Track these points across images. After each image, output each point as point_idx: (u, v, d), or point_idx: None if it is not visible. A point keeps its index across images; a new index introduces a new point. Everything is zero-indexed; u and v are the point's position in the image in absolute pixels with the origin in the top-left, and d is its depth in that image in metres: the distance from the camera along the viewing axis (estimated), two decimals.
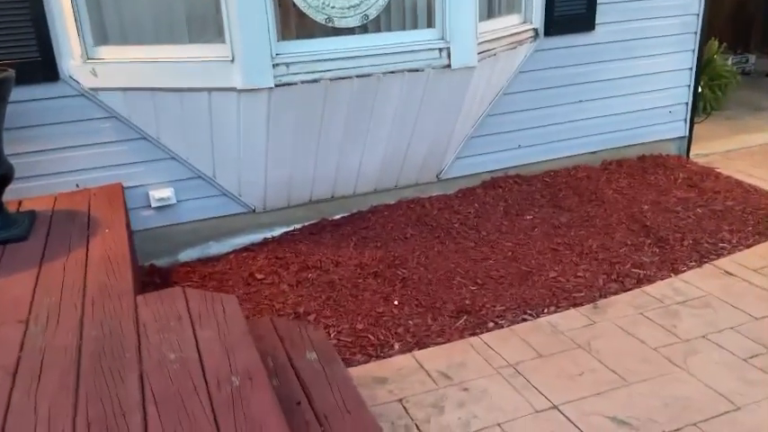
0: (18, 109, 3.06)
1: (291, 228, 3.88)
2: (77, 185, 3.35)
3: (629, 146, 4.75)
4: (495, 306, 3.06)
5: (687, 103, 4.79)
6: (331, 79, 3.26)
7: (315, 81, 3.23)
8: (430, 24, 3.49)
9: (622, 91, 4.55)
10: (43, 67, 3.11)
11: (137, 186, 3.47)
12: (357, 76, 3.31)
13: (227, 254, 3.67)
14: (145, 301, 2.21)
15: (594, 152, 4.68)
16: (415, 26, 3.50)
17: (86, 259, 2.54)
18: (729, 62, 7.05)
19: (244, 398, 1.67)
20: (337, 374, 2.11)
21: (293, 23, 3.33)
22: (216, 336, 1.97)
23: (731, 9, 7.72)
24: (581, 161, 4.63)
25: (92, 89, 3.21)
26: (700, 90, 5.52)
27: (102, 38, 3.20)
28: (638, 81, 4.57)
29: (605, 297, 3.14)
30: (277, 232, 3.85)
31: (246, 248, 3.71)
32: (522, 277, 3.31)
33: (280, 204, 3.80)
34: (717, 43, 6.09)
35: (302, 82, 3.20)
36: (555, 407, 2.35)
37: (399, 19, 3.49)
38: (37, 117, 3.18)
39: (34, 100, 3.14)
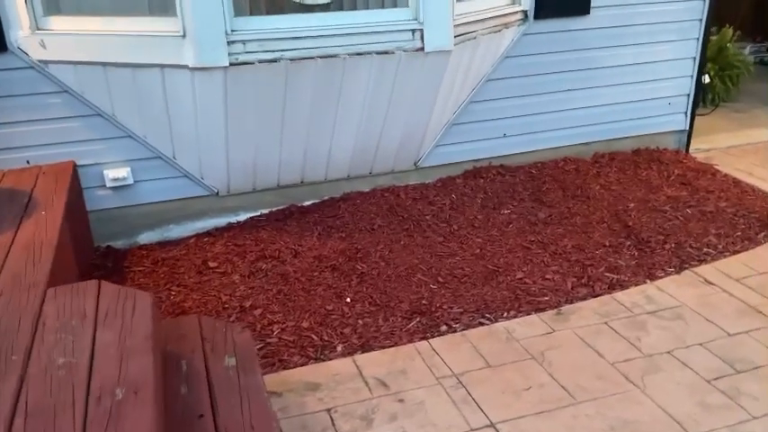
0: None
1: (258, 213, 3.73)
2: (28, 162, 3.22)
3: (624, 138, 4.51)
4: (452, 308, 2.89)
5: (689, 95, 4.52)
6: (291, 59, 3.07)
7: (274, 61, 3.05)
8: (403, 4, 3.27)
9: (618, 80, 4.29)
10: None
11: (92, 165, 3.33)
12: (320, 57, 3.12)
13: (188, 238, 3.54)
14: (54, 294, 2.07)
15: (587, 144, 4.44)
16: (385, 5, 3.28)
17: (11, 244, 2.41)
18: (747, 51, 6.71)
19: (121, 415, 1.53)
20: (251, 386, 1.97)
21: None
22: (116, 339, 1.83)
23: None
24: (572, 153, 4.40)
25: (41, 61, 3.06)
26: (708, 80, 5.24)
27: (52, 8, 3.04)
28: (637, 70, 4.30)
29: (571, 302, 2.95)
30: (242, 217, 3.70)
31: (208, 233, 3.58)
32: (486, 277, 3.13)
33: (245, 188, 3.64)
34: (731, 31, 5.74)
35: (260, 61, 3.02)
36: (492, 425, 2.19)
37: None
38: None
39: None
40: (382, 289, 3.02)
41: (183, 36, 2.91)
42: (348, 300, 2.93)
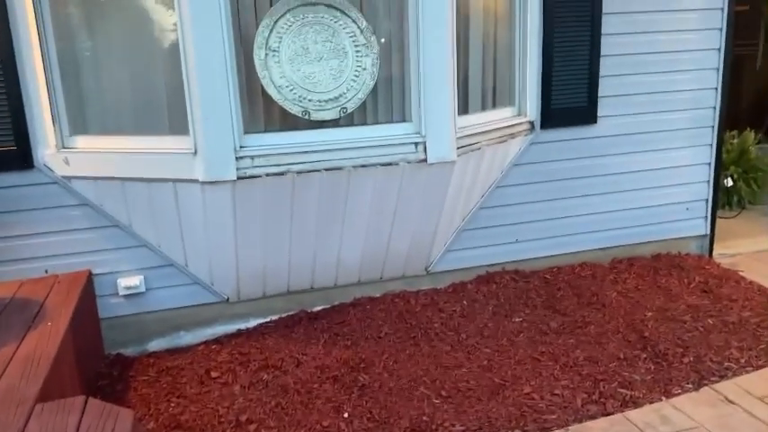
0: None
1: (267, 319, 3.75)
2: (46, 271, 3.36)
3: (643, 243, 4.43)
4: (453, 425, 2.78)
5: (707, 200, 4.45)
6: (298, 172, 3.19)
7: (281, 174, 3.17)
8: (406, 118, 3.40)
9: (633, 185, 4.28)
10: (19, 156, 3.18)
11: (107, 273, 3.45)
12: (326, 170, 3.23)
13: (196, 345, 3.56)
14: (41, 410, 2.09)
15: (604, 249, 4.38)
16: (390, 120, 3.42)
17: (12, 356, 2.47)
18: None
19: None
20: None
21: (267, 114, 3.31)
22: None
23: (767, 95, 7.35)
24: (589, 258, 4.34)
25: (65, 177, 3.26)
26: (731, 183, 5.19)
27: (78, 128, 3.27)
28: (650, 175, 4.29)
29: (580, 422, 2.80)
30: (252, 323, 3.73)
31: (217, 340, 3.59)
32: (492, 391, 3.02)
33: (255, 294, 3.69)
34: (752, 134, 5.73)
35: (267, 175, 3.15)
36: None
37: (374, 113, 3.42)
38: (10, 204, 3.23)
39: (7, 187, 3.21)
40: (383, 403, 2.94)
41: (195, 153, 3.07)
42: (346, 415, 2.86)
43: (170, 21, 3.10)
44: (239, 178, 3.10)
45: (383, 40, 3.35)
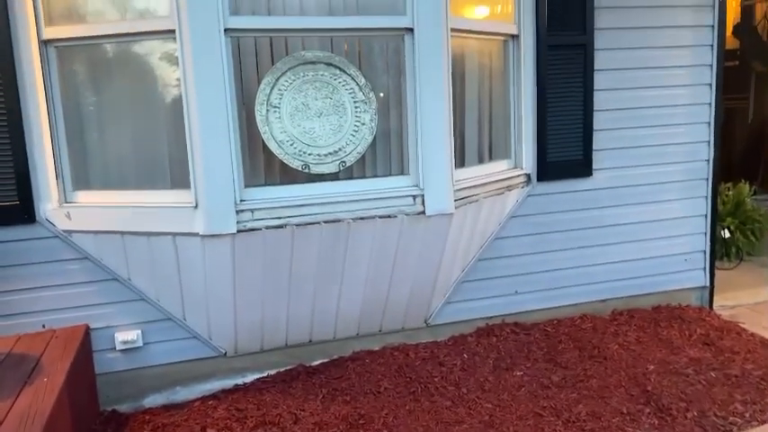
0: None
1: (265, 374, 3.70)
2: (44, 326, 3.34)
3: (643, 295, 4.42)
4: None
5: (704, 251, 4.47)
6: (297, 225, 3.21)
7: (280, 227, 3.19)
8: (404, 171, 3.45)
9: (630, 237, 4.31)
10: (21, 211, 3.22)
11: (104, 328, 3.43)
12: (325, 222, 3.26)
13: (193, 401, 3.50)
14: None
15: (604, 300, 4.37)
16: (388, 173, 3.47)
17: (7, 413, 2.44)
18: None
19: None
20: None
21: (267, 167, 3.36)
22: None
23: (760, 147, 7.46)
24: (589, 309, 4.33)
25: (65, 231, 3.28)
26: (729, 235, 5.22)
27: (80, 183, 3.31)
28: (647, 227, 4.33)
29: None
30: (249, 378, 3.68)
31: (214, 395, 3.54)
32: None
33: (253, 348, 3.66)
34: (747, 186, 5.80)
35: (267, 228, 3.17)
36: None
37: (373, 166, 3.48)
38: (9, 258, 3.24)
39: (8, 241, 3.22)
40: None
41: (196, 207, 3.10)
42: None
43: (173, 78, 3.19)
44: (239, 231, 3.13)
45: (381, 95, 3.43)
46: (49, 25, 3.14)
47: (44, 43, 3.15)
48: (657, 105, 4.18)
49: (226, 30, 2.99)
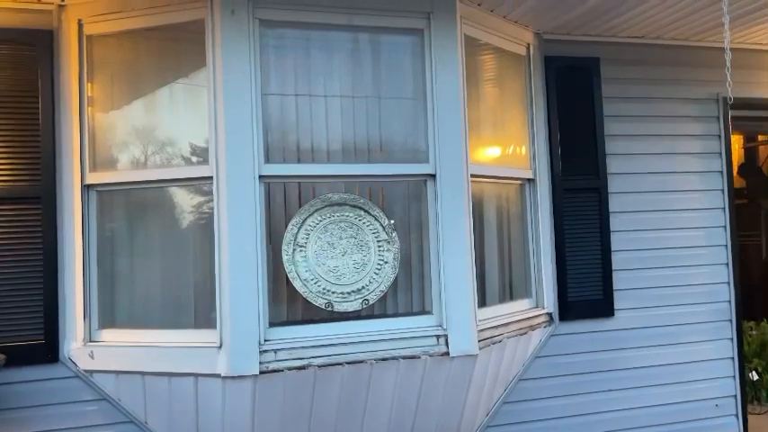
0: (9, 390, 3.10)
1: None
2: None
3: None
4: None
5: (735, 396, 4.32)
6: (320, 366, 3.17)
7: (302, 368, 3.15)
8: (427, 311, 3.46)
9: (656, 381, 4.19)
10: (45, 350, 3.22)
11: None
12: (347, 363, 3.22)
13: None
14: None
15: None
16: (410, 312, 3.48)
17: None
18: None
19: None
20: None
21: (290, 306, 3.38)
22: None
23: None
24: None
25: (86, 371, 3.26)
26: (757, 377, 5.06)
27: (106, 321, 3.34)
28: (673, 370, 4.22)
29: None
30: None
31: None
32: None
33: None
34: None
35: (288, 369, 3.13)
36: None
37: (395, 305, 3.50)
38: (27, 399, 3.20)
39: (28, 381, 3.20)
40: None
41: (220, 347, 3.10)
42: None
43: (204, 222, 3.32)
44: (261, 372, 3.09)
45: (404, 235, 3.52)
46: (93, 171, 3.34)
47: (86, 188, 3.32)
48: (675, 246, 4.25)
49: (260, 177, 3.16)
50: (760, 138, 7.69)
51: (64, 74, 3.33)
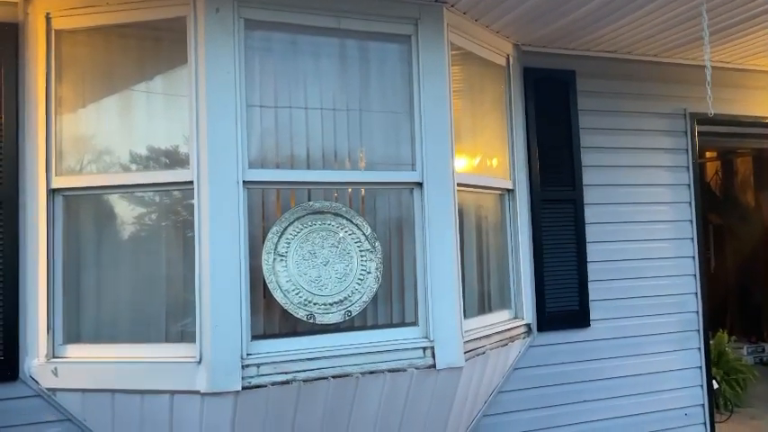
0: None
1: None
2: None
3: None
4: None
5: (703, 405, 4.41)
6: (304, 380, 3.04)
7: (286, 383, 3.01)
8: (411, 322, 3.38)
9: (629, 390, 4.24)
10: (3, 367, 2.98)
11: None
12: (333, 377, 3.10)
13: None
14: None
15: None
16: (396, 323, 3.39)
17: None
18: (744, 352, 6.82)
19: None
20: None
21: (271, 318, 3.24)
22: None
23: (739, 296, 7.73)
24: None
25: (49, 389, 3.02)
26: (717, 386, 5.20)
27: (72, 336, 3.11)
28: (645, 380, 4.28)
29: None
30: None
31: None
32: None
33: None
34: (726, 335, 5.91)
35: (272, 384, 2.98)
36: None
37: (380, 316, 3.40)
38: None
39: None
40: None
41: (199, 362, 2.92)
42: None
43: (180, 230, 3.15)
44: (244, 388, 2.93)
45: (387, 244, 3.44)
46: (60, 174, 3.12)
47: (52, 192, 3.10)
48: (645, 258, 4.33)
49: (244, 182, 3.02)
50: (707, 155, 8.02)
51: (30, 71, 3.11)
